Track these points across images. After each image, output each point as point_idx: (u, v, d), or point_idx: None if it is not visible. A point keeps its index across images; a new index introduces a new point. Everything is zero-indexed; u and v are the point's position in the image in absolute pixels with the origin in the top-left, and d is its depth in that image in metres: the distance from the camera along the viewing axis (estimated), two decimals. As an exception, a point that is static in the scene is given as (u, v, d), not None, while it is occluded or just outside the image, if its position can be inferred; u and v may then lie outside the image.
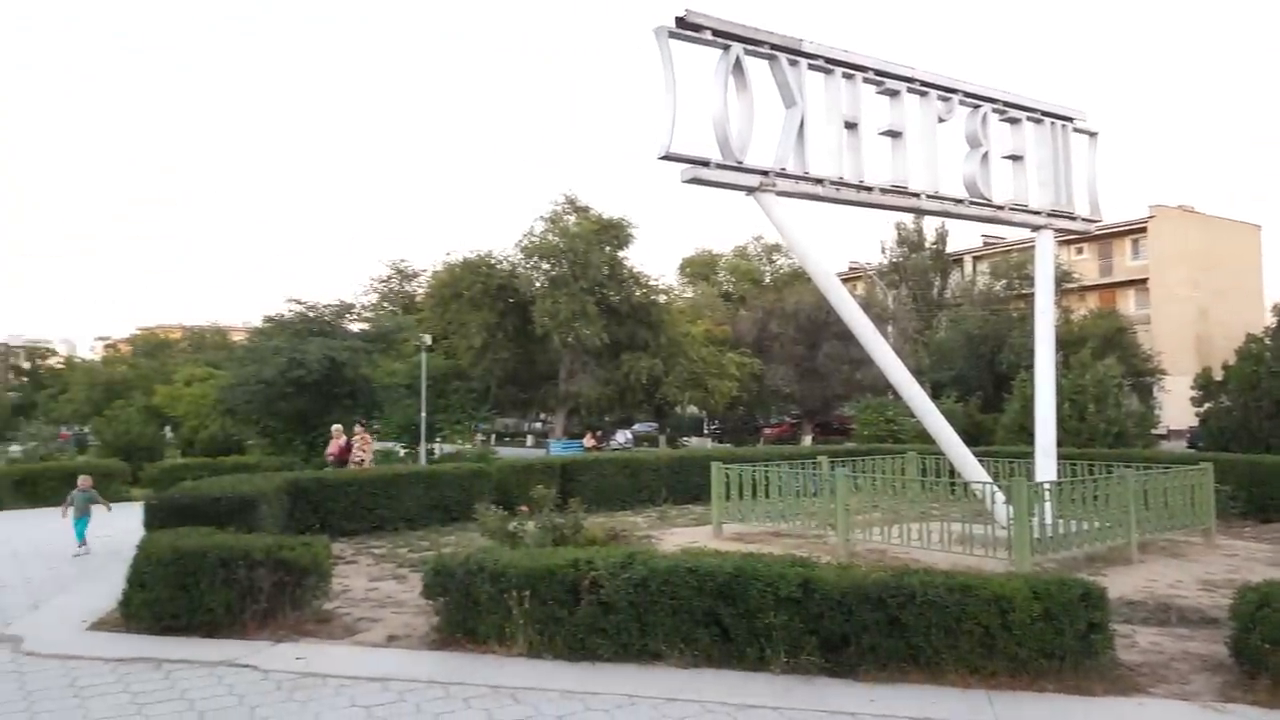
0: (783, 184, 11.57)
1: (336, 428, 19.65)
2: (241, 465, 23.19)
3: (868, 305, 34.51)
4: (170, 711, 6.43)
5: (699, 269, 63.07)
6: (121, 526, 13.79)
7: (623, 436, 48.99)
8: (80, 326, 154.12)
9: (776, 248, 60.15)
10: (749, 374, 41.20)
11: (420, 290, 51.44)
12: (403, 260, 55.18)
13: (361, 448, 18.50)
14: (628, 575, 7.35)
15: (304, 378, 29.35)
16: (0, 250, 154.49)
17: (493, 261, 39.31)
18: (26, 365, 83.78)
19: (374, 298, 52.97)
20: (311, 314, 33.92)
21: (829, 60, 12.09)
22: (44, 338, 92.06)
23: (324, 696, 6.72)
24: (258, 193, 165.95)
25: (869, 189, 12.35)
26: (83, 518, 13.52)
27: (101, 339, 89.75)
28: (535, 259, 39.03)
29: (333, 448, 19.01)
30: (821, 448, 23.19)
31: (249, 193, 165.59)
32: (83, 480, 14.15)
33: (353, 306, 40.89)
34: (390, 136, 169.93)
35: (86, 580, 11.14)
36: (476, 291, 38.16)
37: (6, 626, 8.87)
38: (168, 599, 8.31)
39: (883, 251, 52.71)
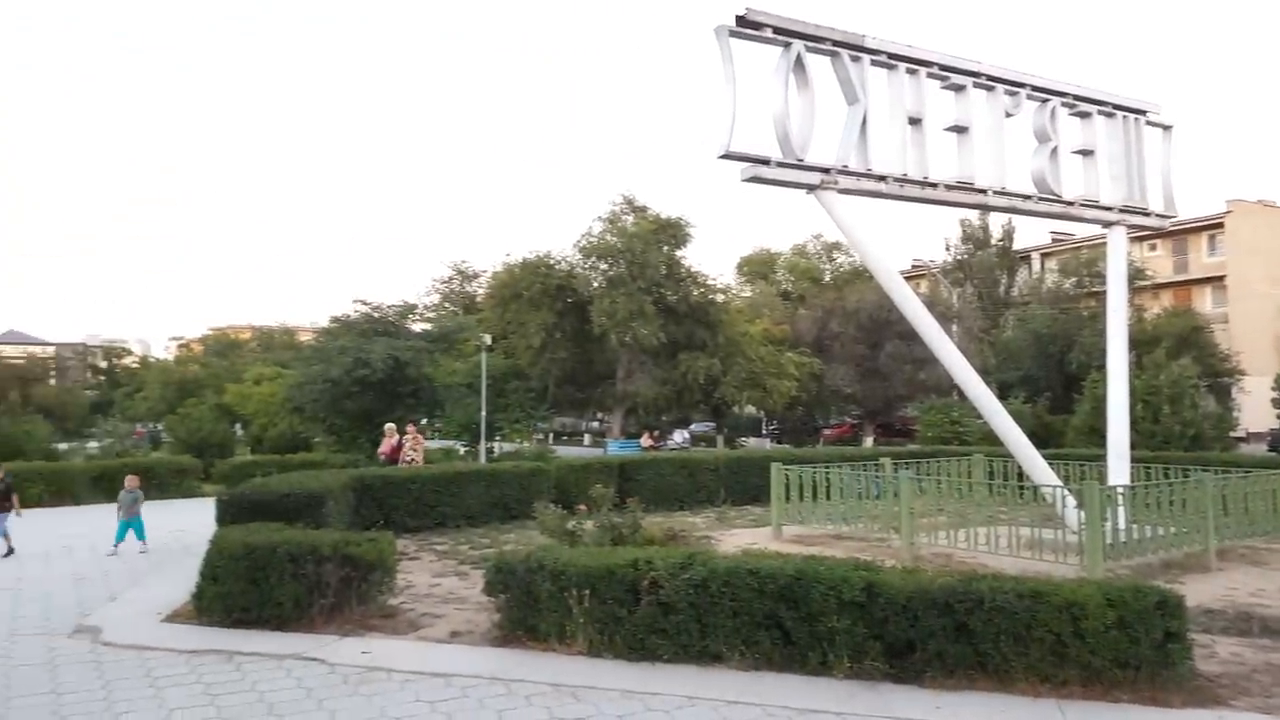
0: (844, 181, 11.43)
1: (389, 426, 19.89)
2: (309, 462, 23.74)
3: (932, 304, 33.84)
4: (241, 703, 6.60)
5: (757, 268, 62.59)
6: (196, 521, 14.23)
7: (680, 436, 48.93)
8: (154, 326, 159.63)
9: (837, 245, 59.40)
10: (808, 374, 40.71)
11: (480, 291, 52.09)
12: (464, 261, 56.14)
13: (413, 447, 18.71)
14: (687, 576, 7.32)
15: (369, 377, 30.01)
16: (80, 254, 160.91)
17: (551, 262, 39.60)
18: (104, 364, 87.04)
19: (436, 298, 53.90)
20: (376, 314, 34.68)
21: (892, 56, 11.91)
22: (120, 338, 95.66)
23: (389, 691, 6.83)
24: (328, 196, 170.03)
25: (933, 185, 12.13)
26: (134, 518, 13.65)
27: (175, 339, 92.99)
28: (593, 259, 39.18)
29: (385, 446, 19.23)
30: (884, 449, 22.87)
31: (321, 196, 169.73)
32: (130, 480, 14.23)
33: (415, 307, 41.78)
34: (455, 138, 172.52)
35: (160, 574, 11.51)
36: (535, 292, 38.47)
37: (85, 617, 9.21)
38: (239, 592, 8.53)
39: (947, 249, 51.64)
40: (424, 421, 38.95)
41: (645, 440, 33.73)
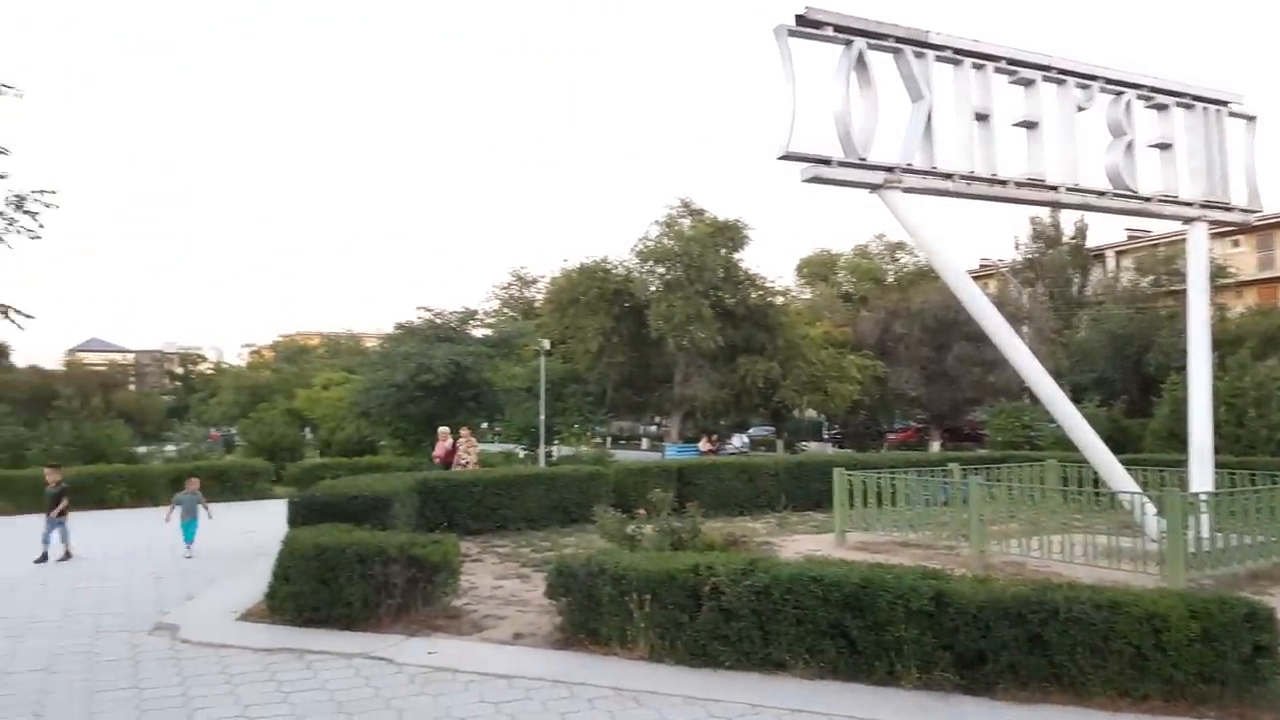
0: (909, 180, 11.23)
1: (443, 430, 19.95)
2: (375, 465, 24.19)
3: (1001, 304, 32.85)
4: (312, 700, 6.72)
5: (817, 269, 61.82)
6: (268, 522, 14.58)
7: (739, 440, 48.57)
8: (228, 333, 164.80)
9: (900, 245, 58.32)
10: (871, 377, 40.12)
11: (539, 296, 52.62)
12: (522, 267, 56.70)
13: (467, 450, 18.86)
14: (749, 582, 7.23)
15: (432, 381, 30.51)
16: (156, 264, 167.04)
17: (608, 266, 39.78)
18: (180, 370, 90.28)
19: (496, 304, 54.66)
20: (439, 321, 35.25)
21: (958, 51, 11.68)
22: (195, 345, 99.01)
23: (454, 691, 6.90)
24: (393, 204, 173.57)
25: (1002, 183, 11.85)
26: (192, 520, 13.83)
27: (247, 345, 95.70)
28: (650, 263, 39.24)
29: (439, 450, 19.25)
30: (952, 454, 22.38)
31: (385, 205, 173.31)
32: (190, 483, 14.42)
33: (476, 313, 42.35)
34: (514, 143, 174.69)
35: (234, 574, 11.81)
36: (593, 296, 38.69)
37: (165, 615, 9.50)
38: (310, 592, 8.72)
39: (1016, 247, 50.41)
40: (484, 425, 39.54)
41: (704, 444, 33.57)
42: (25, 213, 16.91)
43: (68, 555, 13.29)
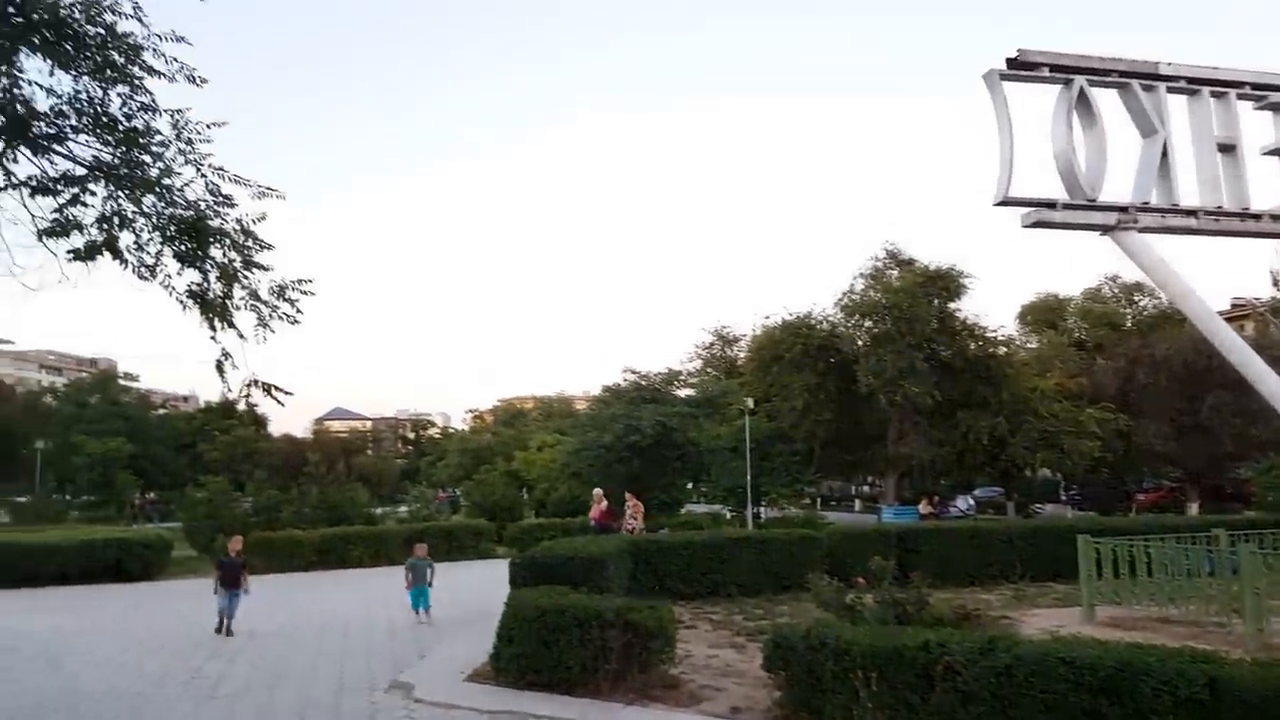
0: (1145, 219, 10.32)
1: (597, 492, 19.94)
2: (587, 526, 24.80)
3: (1261, 347, 29.27)
4: (535, 766, 6.82)
5: (1043, 315, 57.60)
6: (492, 582, 15.21)
7: (964, 503, 45.72)
8: (454, 400, 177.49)
9: (1138, 287, 53.14)
10: (1113, 431, 36.58)
11: (741, 354, 52.58)
12: (724, 326, 56.87)
13: (633, 515, 18.82)
14: (989, 663, 6.65)
15: (639, 442, 31.20)
16: (391, 338, 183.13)
17: (812, 322, 39.13)
18: (411, 436, 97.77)
19: (698, 364, 55.13)
20: (644, 383, 36.12)
21: (1192, 80, 10.75)
22: (425, 411, 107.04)
23: (673, 766, 6.77)
24: (602, 268, 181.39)
25: (1256, 216, 10.66)
26: (422, 586, 13.53)
27: (470, 411, 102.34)
28: (856, 317, 38.24)
29: (594, 512, 19.13)
30: (1214, 518, 19.90)
31: (597, 269, 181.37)
32: (419, 548, 14.14)
33: (680, 373, 43.09)
34: (715, 201, 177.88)
35: (461, 633, 12.38)
36: (797, 353, 38.04)
37: (400, 674, 10.08)
38: (531, 655, 8.97)
39: (1275, 284, 44.91)
40: (690, 485, 39.69)
41: (924, 507, 31.84)
42: (286, 300, 19.08)
43: (228, 627, 12.56)
